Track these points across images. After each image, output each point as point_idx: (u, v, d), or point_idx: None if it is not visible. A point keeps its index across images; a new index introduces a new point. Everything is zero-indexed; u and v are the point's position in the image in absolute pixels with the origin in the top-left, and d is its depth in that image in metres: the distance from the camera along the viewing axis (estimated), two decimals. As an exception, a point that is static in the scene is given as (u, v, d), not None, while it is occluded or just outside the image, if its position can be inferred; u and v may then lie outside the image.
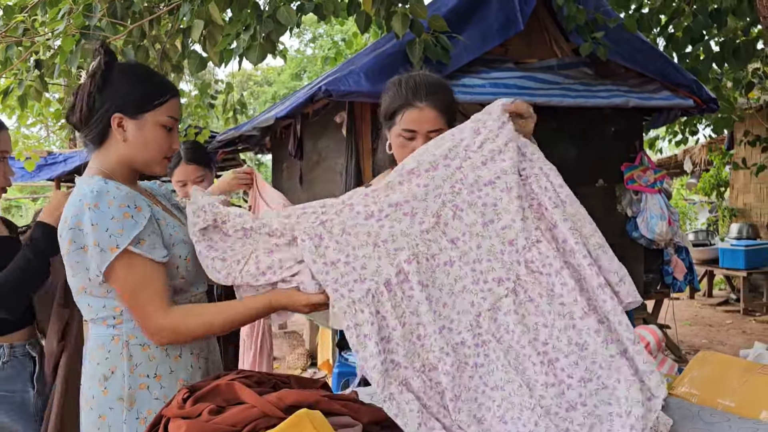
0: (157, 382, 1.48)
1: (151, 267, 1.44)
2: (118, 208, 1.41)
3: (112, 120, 1.51)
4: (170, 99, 1.56)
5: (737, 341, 6.14)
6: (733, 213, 9.10)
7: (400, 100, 1.77)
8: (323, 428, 1.03)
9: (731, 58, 4.47)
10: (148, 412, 1.45)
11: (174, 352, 1.51)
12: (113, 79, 1.52)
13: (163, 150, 1.57)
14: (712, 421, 1.37)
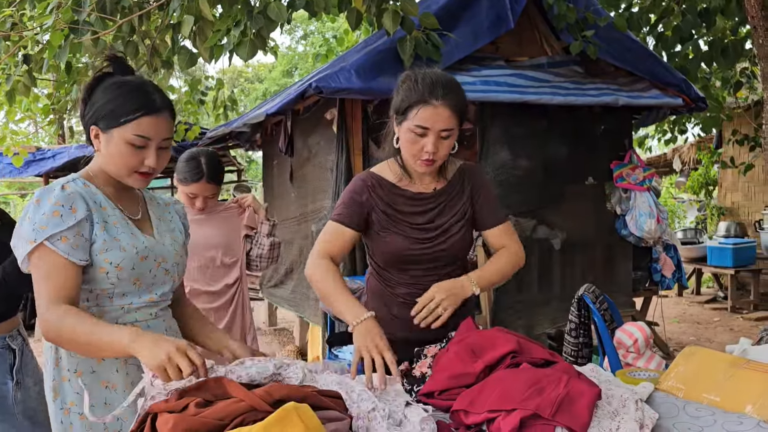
0: (77, 377, 1.53)
1: (61, 264, 1.45)
2: (53, 205, 1.46)
3: (90, 131, 1.56)
4: (141, 117, 1.51)
5: (724, 338, 6.19)
6: (722, 211, 9.18)
7: (416, 96, 1.75)
8: (311, 422, 1.03)
9: (720, 58, 4.51)
10: (71, 403, 1.54)
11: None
12: (99, 90, 1.55)
13: (129, 166, 1.54)
14: (698, 415, 1.38)
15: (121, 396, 1.54)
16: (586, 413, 1.27)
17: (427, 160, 1.79)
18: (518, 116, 4.25)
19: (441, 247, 1.90)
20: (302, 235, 4.68)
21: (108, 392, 1.55)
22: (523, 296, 4.38)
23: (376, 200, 1.89)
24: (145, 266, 1.58)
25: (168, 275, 1.67)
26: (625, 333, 2.61)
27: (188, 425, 1.08)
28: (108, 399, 1.54)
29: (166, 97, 1.61)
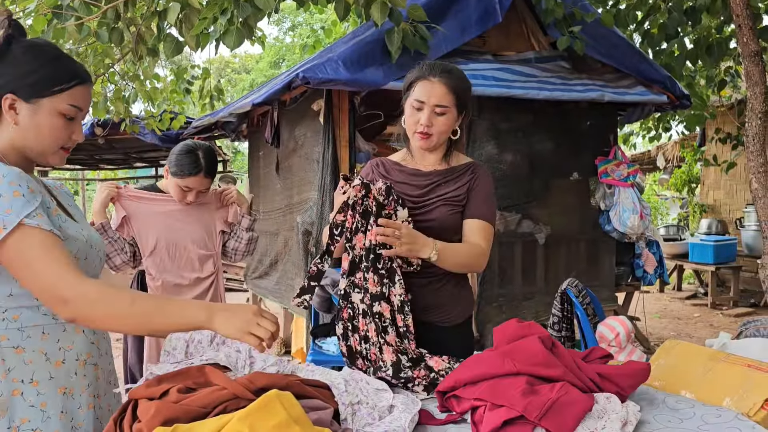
0: (33, 387, 1.34)
1: (51, 238, 1.28)
2: (8, 186, 1.27)
3: (3, 100, 1.36)
4: (75, 86, 1.39)
5: (704, 334, 6.27)
6: (704, 209, 9.28)
7: (418, 74, 1.93)
8: (293, 409, 1.03)
9: (705, 56, 4.54)
10: (22, 420, 1.33)
11: (55, 357, 1.38)
12: (12, 56, 1.36)
13: (58, 140, 1.41)
14: (678, 408, 1.40)
15: (77, 401, 1.41)
16: (573, 423, 1.27)
17: (422, 133, 1.91)
18: (505, 110, 4.26)
19: (423, 219, 1.95)
20: (287, 227, 4.66)
21: (65, 398, 1.39)
22: (506, 290, 4.40)
23: (376, 177, 2.02)
24: (92, 254, 1.47)
25: (101, 263, 1.55)
26: (607, 327, 2.64)
27: (170, 413, 1.07)
28: (65, 407, 1.38)
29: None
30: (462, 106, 1.94)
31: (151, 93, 5.50)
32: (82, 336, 1.44)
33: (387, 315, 1.77)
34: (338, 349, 3.49)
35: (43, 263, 1.25)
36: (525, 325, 1.64)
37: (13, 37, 1.37)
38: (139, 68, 5.24)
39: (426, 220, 1.95)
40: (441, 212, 1.94)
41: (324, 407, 1.18)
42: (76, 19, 3.37)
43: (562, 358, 1.51)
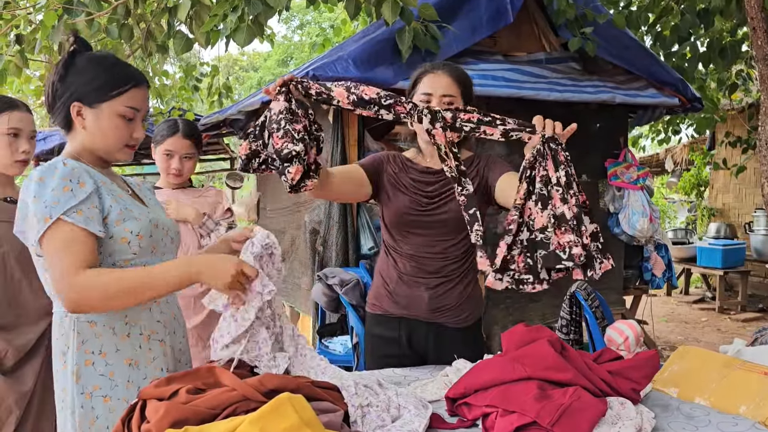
0: (102, 359, 1.51)
1: (81, 234, 1.42)
2: (60, 181, 1.43)
3: (72, 108, 1.53)
4: (130, 89, 1.55)
5: (712, 339, 6.23)
6: (712, 212, 9.22)
7: (420, 71, 1.98)
8: (305, 413, 1.01)
9: (717, 59, 4.50)
10: (94, 387, 1.50)
11: (122, 331, 1.53)
12: (76, 68, 1.54)
13: (121, 139, 1.57)
14: (693, 415, 1.38)
15: (142, 372, 1.54)
16: (587, 428, 1.25)
17: None
18: (515, 111, 4.20)
19: (436, 213, 1.97)
20: (295, 225, 4.65)
21: (131, 369, 1.54)
22: (514, 292, 4.37)
23: (392, 167, 2.05)
24: (158, 233, 1.60)
25: (173, 244, 1.71)
26: (616, 330, 2.61)
27: (179, 414, 1.06)
28: (131, 377, 1.53)
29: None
30: (467, 96, 1.96)
31: (160, 90, 5.51)
32: (148, 313, 1.58)
33: None
34: (344, 348, 3.49)
35: (59, 256, 1.40)
36: (533, 329, 1.63)
37: (77, 52, 1.55)
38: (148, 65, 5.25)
39: (440, 213, 1.96)
40: (454, 204, 1.94)
41: (334, 410, 1.16)
42: (86, 15, 3.37)
43: (573, 361, 1.49)
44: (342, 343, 3.54)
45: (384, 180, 2.04)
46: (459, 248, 1.98)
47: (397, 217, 2.00)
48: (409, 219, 1.98)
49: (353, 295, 3.30)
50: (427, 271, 1.96)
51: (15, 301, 2.08)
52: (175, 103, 6.57)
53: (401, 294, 2.00)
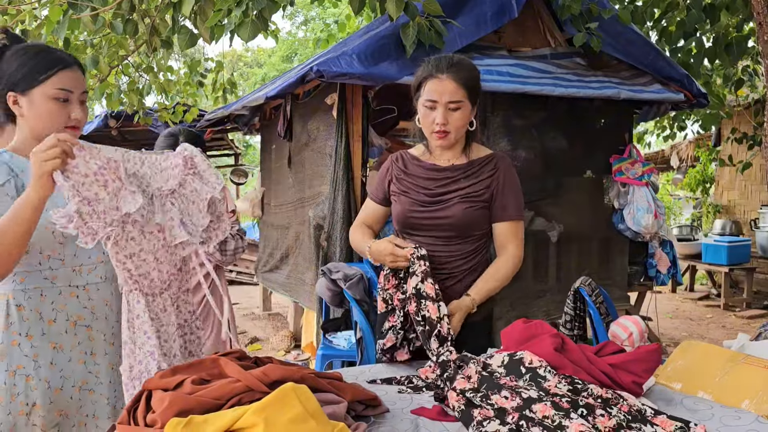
0: (28, 341, 1.59)
1: None
2: None
3: (8, 99, 1.58)
4: (58, 71, 1.58)
5: (717, 335, 6.22)
6: (718, 209, 9.19)
7: (425, 72, 1.91)
8: (309, 403, 1.02)
9: (723, 54, 4.48)
10: (18, 366, 1.58)
11: (49, 316, 1.61)
12: (6, 60, 1.59)
13: (58, 121, 1.59)
14: (696, 409, 1.38)
15: (67, 355, 1.62)
16: None
17: (439, 132, 1.90)
18: (519, 107, 4.23)
19: (439, 216, 1.95)
20: (299, 221, 4.66)
21: (55, 352, 1.62)
22: (517, 287, 4.38)
23: (395, 170, 2.07)
24: None
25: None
26: (620, 326, 2.61)
27: (184, 404, 1.06)
28: (55, 359, 1.61)
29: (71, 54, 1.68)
30: (474, 97, 1.93)
31: (165, 85, 5.51)
32: (75, 300, 1.64)
33: None
34: (348, 343, 3.50)
35: None
36: (532, 326, 1.63)
37: (6, 47, 1.61)
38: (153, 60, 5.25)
39: (442, 217, 1.94)
40: (458, 209, 1.93)
41: (338, 401, 1.17)
42: (91, 10, 3.37)
43: (572, 354, 1.49)
44: (346, 338, 3.54)
45: (390, 190, 2.08)
46: (466, 246, 1.98)
47: (401, 218, 2.01)
48: (411, 221, 1.98)
49: (357, 290, 3.31)
50: (434, 266, 1.95)
51: None
52: (179, 99, 6.57)
53: None
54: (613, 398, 1.35)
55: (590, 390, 1.37)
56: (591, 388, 1.38)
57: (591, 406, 1.28)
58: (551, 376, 1.40)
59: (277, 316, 6.79)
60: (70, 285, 1.63)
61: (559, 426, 1.21)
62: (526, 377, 1.42)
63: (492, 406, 1.32)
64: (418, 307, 1.79)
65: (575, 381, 1.39)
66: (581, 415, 1.25)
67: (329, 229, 3.92)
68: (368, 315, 3.21)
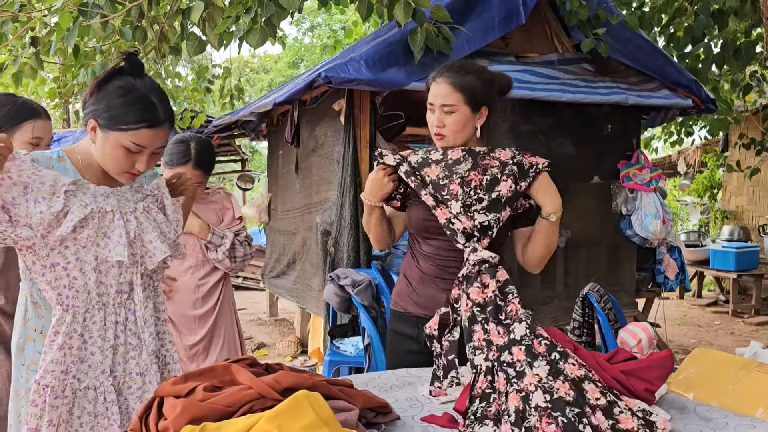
0: (41, 338, 1.65)
1: None
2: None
3: (88, 122, 1.61)
4: (141, 129, 1.57)
5: (725, 342, 6.18)
6: (725, 215, 9.15)
7: (431, 76, 1.97)
8: (322, 410, 1.01)
9: (732, 60, 4.47)
10: (31, 362, 1.67)
11: None
12: (106, 89, 1.59)
13: (121, 167, 1.61)
14: (709, 417, 1.37)
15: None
16: None
17: (437, 134, 1.94)
18: (526, 113, 4.22)
19: None
20: (306, 226, 4.66)
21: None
22: (525, 294, 4.36)
23: None
24: None
25: None
26: (629, 333, 2.60)
27: (196, 411, 1.06)
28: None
29: (170, 108, 1.67)
30: (475, 102, 1.92)
31: (173, 91, 5.53)
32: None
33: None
34: (356, 349, 3.49)
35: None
36: None
37: (114, 75, 1.60)
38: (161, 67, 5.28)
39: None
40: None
41: (350, 408, 1.17)
42: (101, 17, 3.39)
43: (585, 362, 1.48)
44: (353, 344, 3.54)
45: (407, 191, 2.05)
46: None
47: (417, 222, 2.01)
48: (429, 225, 1.96)
49: (365, 295, 3.30)
50: (448, 272, 1.95)
51: (17, 288, 2.15)
52: (187, 105, 6.60)
53: (421, 294, 2.00)
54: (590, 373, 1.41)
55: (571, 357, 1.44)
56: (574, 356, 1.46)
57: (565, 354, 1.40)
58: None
59: (284, 321, 6.79)
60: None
61: (521, 373, 1.36)
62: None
63: (487, 333, 1.53)
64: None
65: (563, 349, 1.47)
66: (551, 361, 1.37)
67: (336, 234, 3.92)
68: (376, 321, 3.21)
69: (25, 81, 4.40)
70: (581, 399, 1.29)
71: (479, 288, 1.65)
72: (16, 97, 2.17)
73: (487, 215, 1.82)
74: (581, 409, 1.26)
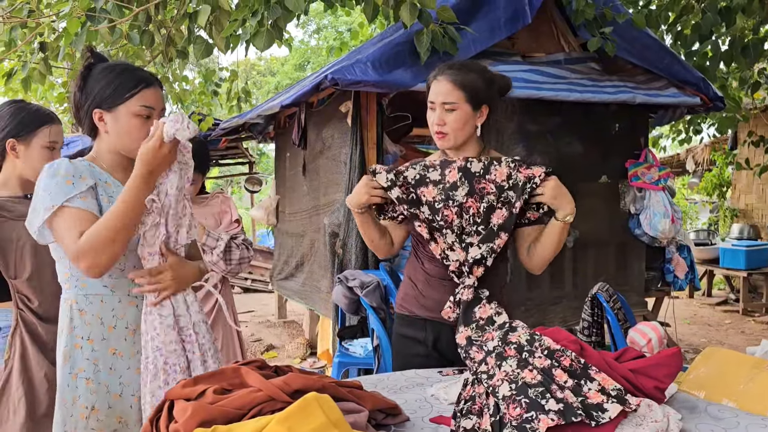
0: (89, 344, 1.65)
1: (84, 214, 1.57)
2: (64, 177, 1.59)
3: (94, 115, 1.67)
4: (142, 90, 1.66)
5: (735, 341, 6.15)
6: (735, 213, 9.09)
7: (432, 75, 1.96)
8: (332, 412, 1.02)
9: (740, 57, 4.44)
10: (80, 369, 1.65)
11: (109, 323, 1.67)
12: (93, 78, 1.68)
13: (140, 136, 1.66)
14: (720, 417, 1.36)
15: (126, 362, 1.67)
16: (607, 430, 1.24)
17: (438, 133, 1.93)
18: (533, 112, 4.22)
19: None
20: (314, 228, 4.67)
21: (115, 359, 1.67)
22: (534, 294, 4.36)
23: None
24: None
25: None
26: (639, 332, 2.59)
27: (207, 414, 1.07)
28: (114, 365, 1.67)
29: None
30: (476, 101, 1.92)
31: (180, 95, 5.56)
32: (134, 309, 1.69)
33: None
34: (365, 350, 3.49)
35: (66, 234, 1.56)
36: (549, 333, 1.62)
37: (93, 65, 1.70)
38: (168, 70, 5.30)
39: None
40: None
41: (359, 410, 1.17)
42: (108, 21, 3.41)
43: (592, 361, 1.48)
44: (362, 345, 3.54)
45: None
46: None
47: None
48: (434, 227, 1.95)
49: (373, 297, 3.31)
50: None
51: (49, 290, 2.18)
52: (195, 108, 6.62)
53: (428, 296, 1.99)
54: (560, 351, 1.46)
55: (543, 342, 1.51)
56: (544, 340, 1.52)
57: (532, 352, 1.47)
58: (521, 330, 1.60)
59: (293, 323, 6.80)
60: (129, 294, 1.68)
61: (491, 376, 1.44)
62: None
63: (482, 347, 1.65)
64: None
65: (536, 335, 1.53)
66: (520, 359, 1.43)
67: (344, 236, 3.92)
68: (385, 322, 3.21)
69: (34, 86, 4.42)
70: (547, 381, 1.33)
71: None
72: (29, 104, 2.24)
73: (480, 247, 1.84)
74: (545, 387, 1.31)
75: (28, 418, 2.09)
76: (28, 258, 2.16)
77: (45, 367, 2.15)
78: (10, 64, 4.42)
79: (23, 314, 2.15)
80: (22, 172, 2.16)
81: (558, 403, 1.26)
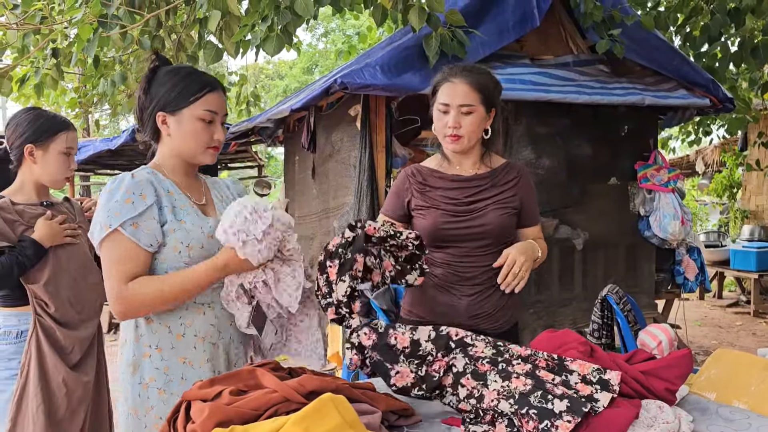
0: (158, 353, 1.63)
1: (132, 248, 1.56)
2: (124, 193, 1.57)
3: (157, 118, 1.67)
4: (206, 94, 1.66)
5: (747, 343, 6.11)
6: (745, 214, 9.05)
7: (440, 77, 1.95)
8: (347, 413, 1.03)
9: (750, 58, 4.43)
10: (150, 378, 1.62)
11: (177, 331, 1.64)
12: (157, 81, 1.68)
13: (203, 141, 1.68)
14: (732, 419, 1.36)
15: (197, 372, 1.64)
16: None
17: (452, 136, 1.91)
18: (542, 115, 4.22)
19: (475, 225, 1.94)
20: (323, 231, 4.69)
21: (185, 368, 1.64)
22: (543, 296, 4.35)
23: (414, 185, 2.02)
24: (213, 244, 1.65)
25: None
26: (649, 335, 2.58)
27: (223, 415, 1.08)
28: (185, 374, 1.64)
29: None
30: (489, 103, 1.92)
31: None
32: (202, 317, 1.67)
33: None
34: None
35: (111, 268, 1.56)
36: (559, 334, 1.62)
37: (158, 67, 1.70)
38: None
39: (477, 225, 1.94)
40: (493, 216, 1.93)
41: (372, 411, 1.18)
42: (120, 27, 3.45)
43: (602, 363, 1.49)
44: (372, 348, 3.54)
45: (411, 206, 2.02)
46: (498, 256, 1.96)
47: (432, 231, 1.96)
48: (443, 233, 1.94)
49: (384, 299, 3.31)
50: (465, 278, 1.94)
51: (76, 298, 2.27)
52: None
53: (439, 301, 1.98)
54: (531, 355, 1.45)
55: (512, 352, 1.47)
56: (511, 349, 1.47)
57: (508, 360, 1.42)
58: (480, 342, 1.49)
59: (302, 326, 6.80)
60: (196, 302, 1.66)
61: (481, 397, 1.36)
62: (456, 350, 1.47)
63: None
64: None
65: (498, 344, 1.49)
66: (499, 371, 1.39)
67: (354, 239, 3.93)
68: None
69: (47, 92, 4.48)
70: (539, 383, 1.33)
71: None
72: (46, 111, 2.32)
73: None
74: (542, 389, 1.30)
75: (47, 426, 2.13)
76: (46, 264, 2.21)
77: (63, 371, 2.19)
78: (23, 70, 4.47)
79: (41, 319, 2.20)
80: (39, 178, 2.23)
81: (563, 400, 1.26)
